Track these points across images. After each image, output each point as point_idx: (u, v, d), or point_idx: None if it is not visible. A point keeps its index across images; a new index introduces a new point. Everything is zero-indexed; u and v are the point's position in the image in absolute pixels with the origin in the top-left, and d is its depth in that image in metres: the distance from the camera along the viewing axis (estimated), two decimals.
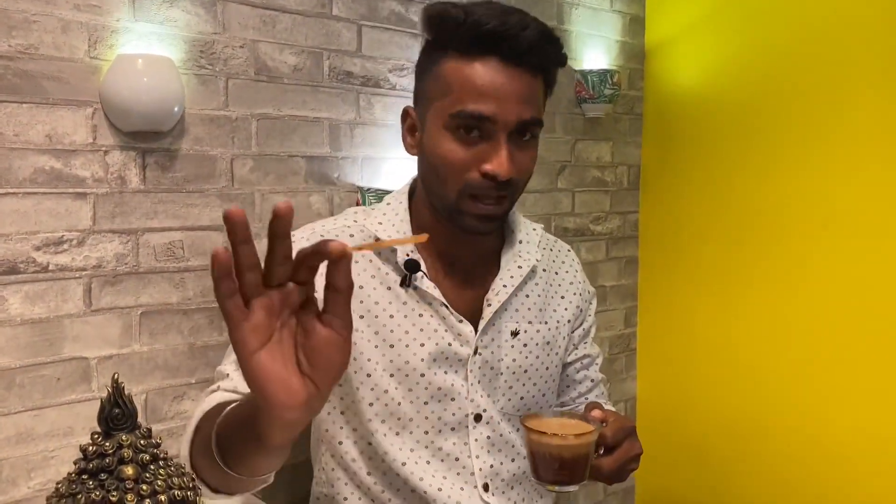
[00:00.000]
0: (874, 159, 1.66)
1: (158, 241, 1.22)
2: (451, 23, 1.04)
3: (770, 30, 1.82)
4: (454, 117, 1.04)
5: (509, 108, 1.04)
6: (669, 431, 2.06)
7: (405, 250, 1.11)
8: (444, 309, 1.10)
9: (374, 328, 1.09)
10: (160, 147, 1.21)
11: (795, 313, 1.80)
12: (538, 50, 1.05)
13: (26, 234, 1.10)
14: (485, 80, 1.03)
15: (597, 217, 1.98)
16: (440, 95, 1.06)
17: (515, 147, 1.05)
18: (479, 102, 1.03)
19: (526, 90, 1.05)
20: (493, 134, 1.04)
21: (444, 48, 1.06)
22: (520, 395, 1.17)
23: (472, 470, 1.13)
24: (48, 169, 1.11)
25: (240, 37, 1.28)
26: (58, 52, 1.11)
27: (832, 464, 1.74)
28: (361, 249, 0.70)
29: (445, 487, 1.11)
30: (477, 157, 1.04)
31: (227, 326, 0.62)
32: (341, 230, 1.12)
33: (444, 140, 1.05)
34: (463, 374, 1.12)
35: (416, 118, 1.11)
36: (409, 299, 1.10)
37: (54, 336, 1.13)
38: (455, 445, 1.13)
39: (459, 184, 1.05)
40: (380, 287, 1.10)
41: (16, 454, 1.11)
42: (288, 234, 0.65)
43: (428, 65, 1.09)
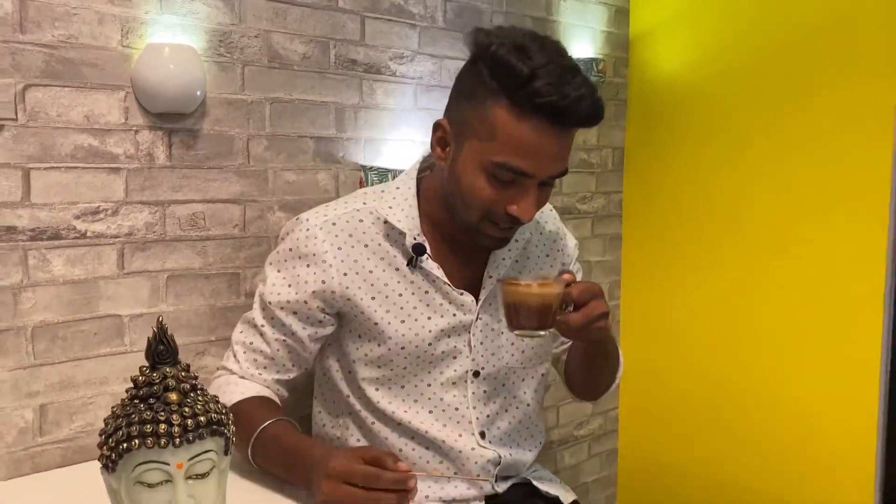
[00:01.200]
0: (837, 144, 1.78)
1: (183, 212, 1.35)
2: (514, 77, 1.05)
3: (747, 22, 1.93)
4: (496, 165, 1.09)
5: (547, 166, 1.11)
6: (650, 396, 2.19)
7: (413, 234, 1.20)
8: (447, 287, 1.22)
9: (385, 307, 1.20)
10: (184, 127, 1.34)
11: (766, 286, 1.93)
12: (587, 120, 1.10)
13: (67, 204, 1.23)
14: (531, 141, 1.07)
15: (583, 196, 2.10)
16: (484, 137, 1.10)
17: (540, 191, 1.13)
18: (521, 160, 1.08)
19: (565, 149, 1.12)
20: (525, 183, 1.11)
21: (496, 92, 1.08)
22: (521, 350, 1.29)
23: (471, 419, 1.26)
24: (86, 146, 1.24)
25: (255, 27, 1.41)
26: (94, 42, 1.23)
27: (795, 420, 1.88)
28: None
29: (445, 434, 1.24)
30: (505, 198, 1.12)
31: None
32: (352, 215, 1.21)
33: (479, 178, 1.11)
34: (466, 338, 1.24)
35: (451, 136, 1.15)
36: (416, 279, 1.21)
37: (91, 295, 1.26)
38: (455, 398, 1.25)
39: (483, 213, 1.13)
40: (388, 269, 1.21)
41: (60, 399, 1.24)
42: None
43: (475, 95, 1.11)
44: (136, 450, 0.82)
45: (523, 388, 1.33)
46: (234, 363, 1.23)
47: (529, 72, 1.05)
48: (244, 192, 1.42)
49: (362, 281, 1.19)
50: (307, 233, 1.20)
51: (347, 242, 1.20)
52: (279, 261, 1.22)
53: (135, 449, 0.82)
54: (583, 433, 2.17)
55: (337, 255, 1.19)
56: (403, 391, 1.23)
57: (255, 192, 1.43)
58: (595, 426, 2.20)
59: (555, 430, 2.08)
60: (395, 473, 0.98)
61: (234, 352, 1.23)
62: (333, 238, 1.19)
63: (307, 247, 1.19)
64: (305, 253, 1.19)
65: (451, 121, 1.16)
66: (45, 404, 1.23)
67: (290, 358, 1.23)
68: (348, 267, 1.19)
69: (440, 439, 1.23)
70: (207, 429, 0.85)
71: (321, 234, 1.19)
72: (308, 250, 1.19)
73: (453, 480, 1.24)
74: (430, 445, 1.24)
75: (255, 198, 1.43)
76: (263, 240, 1.44)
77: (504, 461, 1.27)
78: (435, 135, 1.18)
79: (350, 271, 1.19)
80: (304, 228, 1.20)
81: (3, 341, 1.18)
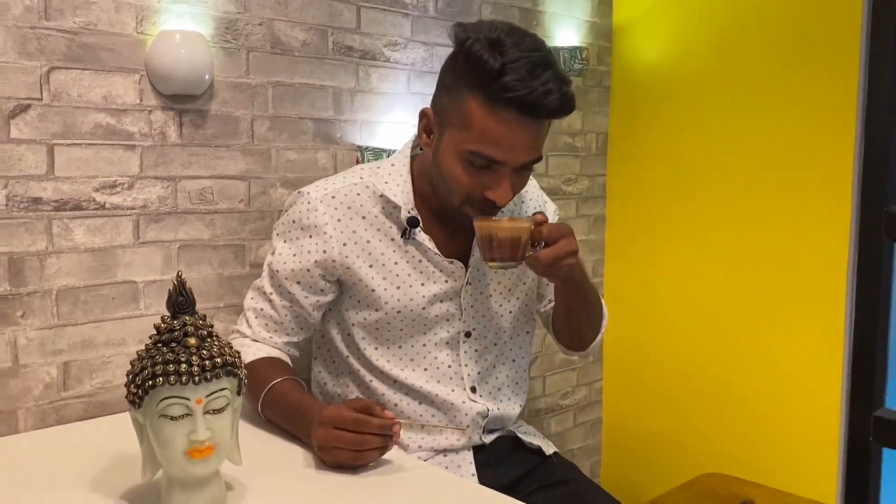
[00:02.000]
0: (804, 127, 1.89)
1: (193, 187, 1.45)
2: (485, 72, 1.13)
3: (722, 13, 2.03)
4: (469, 153, 1.18)
5: (519, 155, 1.18)
6: (633, 369, 2.30)
7: (407, 208, 1.30)
8: (437, 257, 1.32)
9: (381, 274, 1.30)
10: (194, 108, 1.44)
11: (740, 261, 2.03)
12: (560, 111, 1.17)
13: (88, 177, 1.33)
14: (502, 132, 1.15)
15: (568, 179, 2.21)
16: (460, 126, 1.18)
17: (515, 176, 1.22)
18: (493, 149, 1.16)
19: (536, 138, 1.19)
20: (499, 170, 1.19)
21: (469, 85, 1.16)
22: (508, 310, 1.40)
23: (462, 375, 1.36)
24: (105, 125, 1.34)
25: (258, 16, 1.51)
26: (112, 28, 1.33)
27: (767, 387, 1.98)
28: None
29: (439, 390, 1.34)
30: (482, 184, 1.20)
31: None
32: (350, 188, 1.31)
33: (456, 165, 1.20)
34: (457, 302, 1.35)
35: (434, 124, 1.25)
36: (410, 249, 1.31)
37: (110, 263, 1.37)
38: (448, 356, 1.36)
39: (463, 197, 1.23)
40: (384, 239, 1.31)
41: (81, 357, 1.35)
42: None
43: (453, 89, 1.20)
44: (161, 386, 0.93)
45: (510, 346, 1.44)
46: (247, 328, 1.34)
47: (500, 66, 1.12)
48: (249, 170, 1.52)
49: (360, 250, 1.30)
50: (308, 206, 1.30)
51: (346, 214, 1.30)
52: (285, 232, 1.32)
53: (159, 386, 0.93)
54: (568, 402, 2.28)
55: (336, 226, 1.29)
56: (401, 350, 1.34)
57: (259, 169, 1.54)
58: (580, 396, 2.31)
59: (541, 399, 2.19)
60: (381, 420, 1.09)
61: (247, 317, 1.34)
62: (333, 210, 1.29)
63: (308, 219, 1.29)
64: (307, 225, 1.29)
65: (435, 110, 1.25)
66: (68, 362, 1.33)
67: (297, 323, 1.33)
68: (347, 237, 1.29)
69: (434, 394, 1.34)
70: (223, 369, 0.96)
71: (321, 207, 1.29)
72: (310, 222, 1.29)
73: (444, 432, 1.35)
74: (424, 400, 1.35)
75: (259, 175, 1.54)
76: (267, 214, 1.55)
77: (491, 414, 1.38)
78: (421, 122, 1.28)
79: (349, 241, 1.29)
80: (306, 202, 1.31)
81: (30, 303, 1.28)
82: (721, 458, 2.07)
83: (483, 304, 1.38)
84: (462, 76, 1.18)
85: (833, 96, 1.84)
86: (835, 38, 1.83)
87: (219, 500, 1.00)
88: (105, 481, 1.06)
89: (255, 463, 1.09)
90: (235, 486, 1.05)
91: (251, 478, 1.06)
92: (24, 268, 1.27)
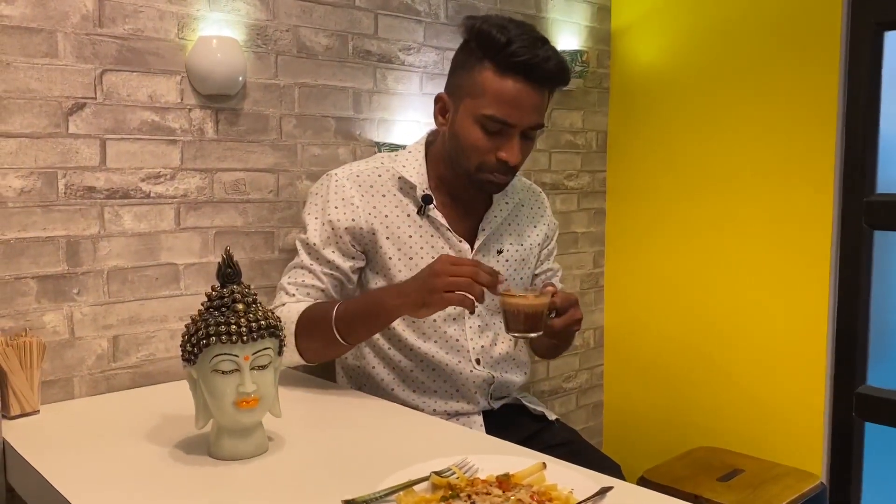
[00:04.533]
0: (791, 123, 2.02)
1: (228, 179, 1.60)
2: (494, 44, 1.34)
3: (714, 17, 2.16)
4: (485, 117, 1.35)
5: (526, 117, 1.36)
6: (631, 354, 2.43)
7: (422, 187, 1.46)
8: (449, 232, 1.47)
9: (397, 245, 1.45)
10: (228, 107, 1.58)
11: (732, 250, 2.16)
12: (554, 78, 1.38)
13: (135, 169, 1.47)
14: (512, 95, 1.34)
15: (569, 174, 2.34)
16: (475, 95, 1.36)
17: (522, 141, 1.40)
18: (505, 111, 1.34)
19: (539, 103, 1.38)
20: (509, 132, 1.37)
21: (482, 59, 1.36)
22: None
23: (468, 349, 1.50)
24: (150, 121, 1.49)
25: (286, 23, 1.66)
26: (156, 35, 1.48)
27: (757, 368, 2.11)
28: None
29: (448, 360, 1.48)
30: (495, 146, 1.37)
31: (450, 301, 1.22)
32: (372, 171, 1.48)
33: (473, 130, 1.38)
34: None
35: (449, 103, 1.43)
36: (424, 224, 1.47)
37: (154, 246, 1.51)
38: (455, 331, 1.49)
39: (479, 161, 1.40)
40: (402, 214, 1.46)
41: (128, 332, 1.49)
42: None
43: (466, 65, 1.39)
44: (213, 345, 1.06)
45: None
46: (289, 297, 1.43)
47: (507, 39, 1.33)
48: (277, 163, 1.66)
49: (380, 223, 1.45)
50: (337, 183, 1.46)
51: (369, 192, 1.46)
52: (316, 210, 1.46)
53: (212, 344, 1.06)
54: (571, 386, 2.41)
55: (361, 200, 1.45)
56: (414, 323, 1.48)
57: (287, 163, 1.68)
58: (582, 380, 2.44)
59: (545, 382, 2.32)
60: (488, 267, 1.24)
61: (287, 290, 1.44)
62: (357, 187, 1.46)
63: (337, 193, 1.45)
64: (336, 198, 1.45)
65: (449, 92, 1.44)
66: (117, 336, 1.47)
67: (336, 289, 1.45)
68: (370, 209, 1.45)
69: (443, 363, 1.48)
70: (267, 330, 1.10)
71: (348, 184, 1.45)
72: (339, 196, 1.45)
73: (456, 395, 1.49)
74: (436, 368, 1.48)
75: (287, 168, 1.68)
76: (293, 204, 1.69)
77: (497, 381, 1.51)
78: (437, 106, 1.46)
79: (372, 213, 1.45)
80: (335, 180, 1.47)
81: (84, 281, 1.42)
82: (715, 433, 2.19)
83: None
84: (475, 53, 1.37)
85: (816, 94, 1.97)
86: (817, 41, 1.96)
87: (261, 448, 1.14)
88: (156, 436, 1.20)
89: (293, 417, 1.23)
90: (275, 438, 1.18)
91: (289, 429, 1.20)
92: (79, 250, 1.41)
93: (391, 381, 1.50)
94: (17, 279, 1.35)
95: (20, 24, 1.32)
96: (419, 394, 1.48)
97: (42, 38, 1.35)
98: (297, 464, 1.10)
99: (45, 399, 1.37)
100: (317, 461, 1.12)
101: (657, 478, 1.91)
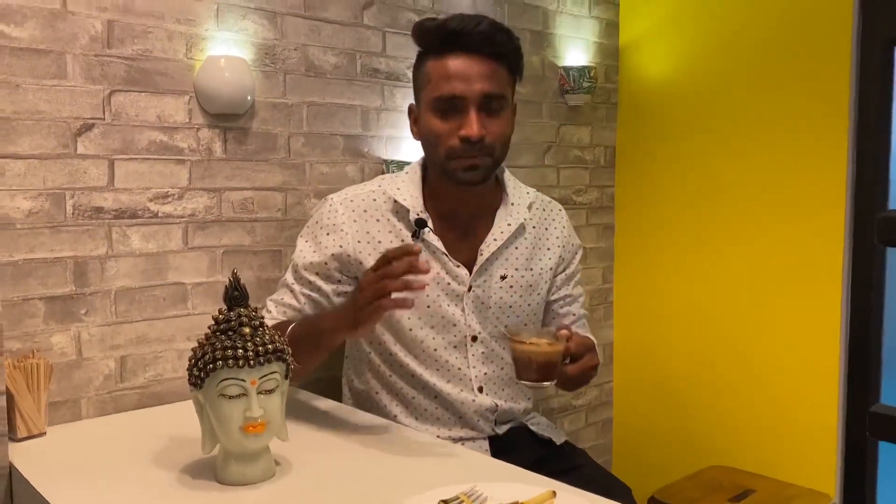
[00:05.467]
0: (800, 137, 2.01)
1: (236, 198, 1.59)
2: (426, 30, 1.38)
3: (720, 32, 2.16)
4: (435, 101, 1.35)
5: (473, 86, 1.33)
6: (641, 370, 2.41)
7: (416, 210, 1.41)
8: (444, 257, 1.42)
9: None
10: (237, 126, 1.58)
11: (741, 267, 2.14)
12: (490, 39, 1.34)
13: (143, 189, 1.47)
14: (452, 69, 1.34)
15: (578, 189, 2.33)
16: (424, 86, 1.38)
17: (486, 116, 1.35)
18: (449, 86, 1.33)
19: (487, 71, 1.34)
20: (464, 108, 1.34)
21: (426, 53, 1.39)
22: (508, 316, 1.48)
23: (471, 377, 1.46)
24: (158, 141, 1.49)
25: (294, 42, 1.66)
26: (165, 55, 1.48)
27: (768, 387, 2.09)
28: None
29: (450, 389, 1.44)
30: (455, 127, 1.35)
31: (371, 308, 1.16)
32: (368, 195, 1.45)
33: (430, 119, 1.38)
34: (460, 306, 1.44)
35: (416, 110, 1.44)
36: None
37: (161, 266, 1.51)
38: (457, 359, 1.45)
39: (445, 149, 1.35)
40: (395, 240, 1.42)
41: (136, 352, 1.48)
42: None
43: (417, 67, 1.42)
44: (220, 369, 1.06)
45: None
46: (267, 313, 1.44)
47: (440, 23, 1.36)
48: (286, 182, 1.66)
49: (372, 249, 1.41)
50: (330, 208, 1.45)
51: (362, 217, 1.43)
52: (308, 233, 1.46)
53: (219, 368, 1.06)
54: (580, 403, 2.39)
55: (352, 226, 1.42)
56: (417, 349, 1.44)
57: (295, 181, 1.68)
58: (591, 397, 2.42)
59: (554, 399, 2.31)
60: (400, 263, 1.14)
61: (267, 307, 1.45)
62: (350, 212, 1.43)
63: (329, 219, 1.43)
64: (327, 224, 1.43)
65: (415, 100, 1.45)
66: (124, 356, 1.47)
67: (314, 311, 1.42)
68: (361, 236, 1.42)
69: (445, 392, 1.44)
70: (273, 354, 1.09)
71: (340, 209, 1.44)
72: (329, 221, 1.43)
73: (460, 422, 1.46)
74: (438, 396, 1.45)
75: (295, 186, 1.68)
76: (301, 222, 1.67)
77: (500, 409, 1.48)
78: (410, 118, 1.47)
79: (363, 240, 1.42)
80: (329, 205, 1.45)
81: (92, 302, 1.42)
82: (726, 452, 2.17)
83: (482, 312, 1.46)
84: (419, 53, 1.41)
85: (826, 110, 1.96)
86: (827, 56, 1.95)
87: (269, 473, 1.13)
88: (163, 459, 1.19)
89: (300, 440, 1.22)
90: (282, 462, 1.17)
91: (296, 453, 1.19)
92: (87, 270, 1.41)
93: (394, 407, 1.47)
94: (25, 300, 1.35)
95: (29, 46, 1.33)
96: (422, 421, 1.46)
97: (51, 60, 1.35)
98: (304, 489, 1.09)
99: (53, 420, 1.36)
100: (325, 486, 1.11)
101: (668, 498, 1.89)
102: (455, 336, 1.45)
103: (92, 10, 1.39)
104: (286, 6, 1.63)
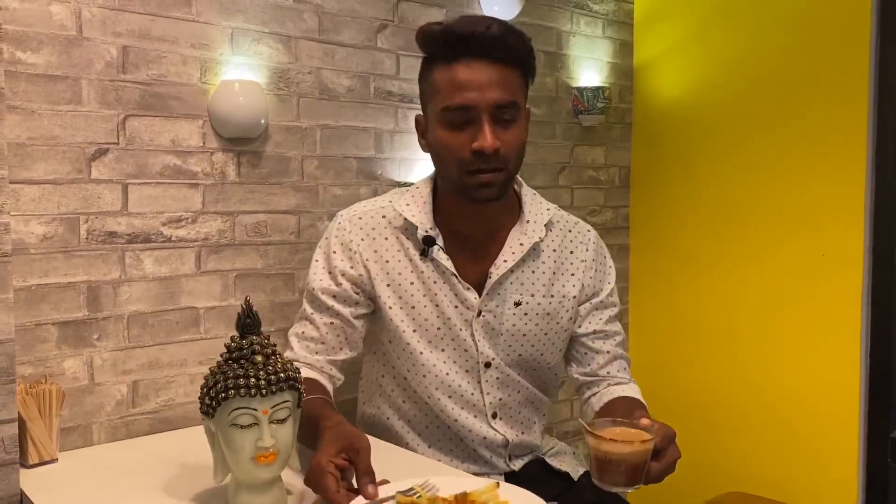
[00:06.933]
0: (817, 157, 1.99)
1: (249, 221, 1.59)
2: (432, 36, 1.29)
3: (734, 52, 2.15)
4: (444, 111, 1.27)
5: (485, 95, 1.24)
6: (656, 393, 2.36)
7: (425, 227, 1.35)
8: (454, 278, 1.35)
9: (398, 294, 1.36)
10: (250, 149, 1.58)
11: (759, 289, 2.12)
12: (502, 43, 1.26)
13: (156, 213, 1.47)
14: (462, 77, 1.25)
15: (592, 210, 2.31)
16: (433, 97, 1.29)
17: (499, 127, 1.27)
18: (460, 96, 1.25)
19: (498, 77, 1.25)
20: (476, 118, 1.25)
21: (432, 59, 1.30)
22: (518, 353, 1.40)
23: (484, 403, 1.40)
24: (172, 165, 1.49)
25: (308, 65, 1.66)
26: (179, 79, 1.48)
27: (787, 411, 2.05)
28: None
29: (462, 416, 1.40)
30: (467, 139, 1.26)
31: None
32: (376, 212, 1.39)
33: (440, 131, 1.28)
34: (469, 331, 1.37)
35: (423, 122, 1.36)
36: (426, 269, 1.36)
37: (174, 290, 1.50)
38: (469, 384, 1.39)
39: (458, 163, 1.27)
40: (403, 259, 1.37)
41: (148, 377, 1.48)
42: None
43: (424, 76, 1.33)
44: (232, 398, 1.04)
45: (535, 377, 1.45)
46: (290, 352, 1.39)
47: (447, 26, 1.28)
48: (299, 205, 1.66)
49: (380, 269, 1.37)
50: (339, 226, 1.40)
51: (370, 234, 1.38)
52: (319, 252, 1.41)
53: (231, 398, 1.04)
54: None
55: (361, 244, 1.38)
56: (431, 373, 1.39)
57: (308, 204, 1.67)
58: None
59: (570, 423, 2.28)
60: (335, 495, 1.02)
61: (290, 343, 1.40)
62: (359, 230, 1.38)
63: (338, 237, 1.39)
64: (337, 243, 1.39)
65: (423, 112, 1.37)
66: (136, 381, 1.46)
67: (338, 339, 1.38)
68: (370, 255, 1.37)
69: (455, 418, 1.39)
70: (286, 383, 1.07)
71: (349, 227, 1.39)
72: (339, 240, 1.39)
73: (472, 455, 1.41)
74: (452, 425, 1.40)
75: (308, 209, 1.67)
76: (315, 245, 1.66)
77: (512, 443, 1.42)
78: (417, 130, 1.38)
79: (371, 259, 1.37)
80: (338, 223, 1.41)
81: (105, 327, 1.42)
82: (745, 478, 2.13)
83: (493, 339, 1.39)
84: (425, 61, 1.32)
85: (844, 129, 1.94)
86: (843, 74, 1.93)
87: (280, 502, 1.11)
88: (174, 487, 1.18)
89: None
90: (293, 491, 1.16)
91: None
92: (100, 295, 1.41)
93: (406, 434, 1.44)
94: (38, 325, 1.35)
95: (45, 73, 1.33)
96: (435, 450, 1.42)
97: (66, 86, 1.36)
98: None
99: (64, 446, 1.36)
100: None
101: None
102: (466, 361, 1.39)
103: (107, 36, 1.39)
104: (300, 30, 1.64)
